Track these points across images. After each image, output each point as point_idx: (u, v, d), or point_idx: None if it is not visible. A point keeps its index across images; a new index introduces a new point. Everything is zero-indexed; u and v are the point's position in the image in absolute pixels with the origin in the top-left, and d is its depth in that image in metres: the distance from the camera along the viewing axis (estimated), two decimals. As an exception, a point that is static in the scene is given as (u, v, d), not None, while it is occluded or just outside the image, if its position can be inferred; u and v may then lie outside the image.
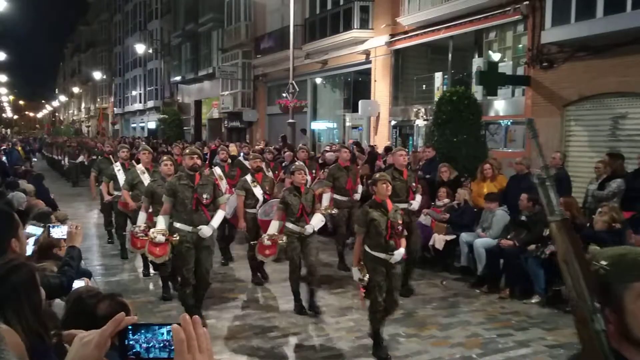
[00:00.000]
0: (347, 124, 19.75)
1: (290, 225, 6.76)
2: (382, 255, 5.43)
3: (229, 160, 10.60)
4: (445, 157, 10.43)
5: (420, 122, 15.79)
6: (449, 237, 8.43)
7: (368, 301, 5.44)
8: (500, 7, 12.90)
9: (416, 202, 7.54)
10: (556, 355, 5.39)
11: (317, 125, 21.95)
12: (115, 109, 50.39)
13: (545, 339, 5.86)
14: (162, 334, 1.20)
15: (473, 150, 11.06)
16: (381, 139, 16.51)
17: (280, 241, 6.69)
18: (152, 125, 38.43)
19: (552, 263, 6.95)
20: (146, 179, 8.14)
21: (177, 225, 6.14)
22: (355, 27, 17.53)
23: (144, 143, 10.08)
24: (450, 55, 15.11)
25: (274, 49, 22.52)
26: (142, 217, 6.95)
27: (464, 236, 8.20)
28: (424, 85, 16.58)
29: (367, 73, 18.03)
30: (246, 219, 8.01)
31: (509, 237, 7.56)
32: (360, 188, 9.21)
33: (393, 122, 17.18)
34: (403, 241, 5.63)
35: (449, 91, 12.01)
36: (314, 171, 10.46)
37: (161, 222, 6.16)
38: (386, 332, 6.04)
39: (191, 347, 1.18)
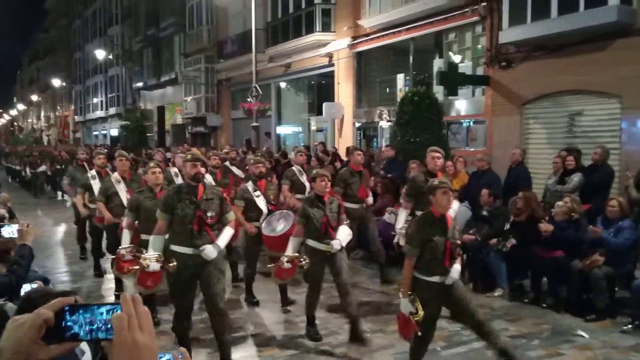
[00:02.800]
0: (313, 127, 19.77)
1: (311, 242, 5.71)
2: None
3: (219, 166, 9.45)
4: (409, 157, 10.53)
5: (384, 124, 15.93)
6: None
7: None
8: (459, 9, 13.13)
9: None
10: (519, 345, 5.47)
11: (283, 130, 21.92)
12: (76, 116, 49.38)
13: (508, 330, 5.95)
14: (102, 313, 1.16)
15: (436, 150, 11.21)
16: (346, 141, 16.57)
17: (302, 262, 5.64)
18: (114, 132, 37.80)
19: (513, 257, 7.10)
20: (122, 190, 7.27)
21: (174, 248, 4.95)
22: (317, 30, 17.59)
23: (121, 150, 9.12)
24: (411, 57, 15.30)
25: (237, 53, 22.42)
26: (126, 236, 5.92)
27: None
28: (387, 88, 16.74)
29: (331, 76, 18.10)
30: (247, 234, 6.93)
31: (470, 232, 7.67)
32: (371, 195, 8.30)
33: (357, 124, 17.29)
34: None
35: (410, 91, 12.15)
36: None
37: (155, 244, 4.95)
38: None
39: (131, 325, 1.15)
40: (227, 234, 5.12)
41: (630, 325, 5.93)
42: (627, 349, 5.43)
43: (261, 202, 6.90)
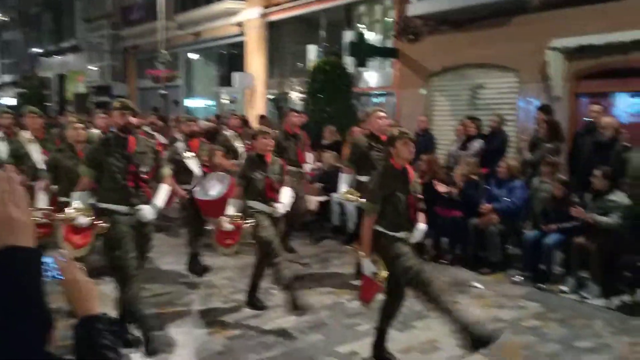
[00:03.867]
0: (224, 100, 19.42)
1: (254, 203, 5.21)
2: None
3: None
4: (320, 126, 10.62)
5: (295, 95, 15.92)
6: (322, 199, 8.61)
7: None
8: (370, -19, 13.29)
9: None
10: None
11: (192, 103, 21.33)
12: (-35, 84, 45.63)
13: (409, 284, 6.20)
14: None
15: (346, 120, 11.37)
16: (257, 112, 16.44)
17: (248, 224, 5.07)
18: (11, 101, 35.28)
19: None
20: (35, 150, 6.40)
21: (106, 206, 4.41)
22: (228, -3, 17.22)
23: (31, 107, 7.89)
24: (323, 29, 15.34)
25: (144, 19, 21.48)
26: (43, 198, 5.31)
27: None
28: (298, 59, 16.71)
29: (242, 46, 17.79)
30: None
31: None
32: (311, 157, 7.94)
33: (269, 96, 17.18)
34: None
35: (322, 61, 12.22)
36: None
37: (80, 199, 4.41)
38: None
39: (5, 200, 1.11)
40: (163, 191, 4.63)
41: (520, 277, 6.37)
42: (517, 297, 5.83)
43: (193, 164, 6.34)
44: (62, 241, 4.39)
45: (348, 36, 14.14)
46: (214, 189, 6.12)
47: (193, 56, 20.99)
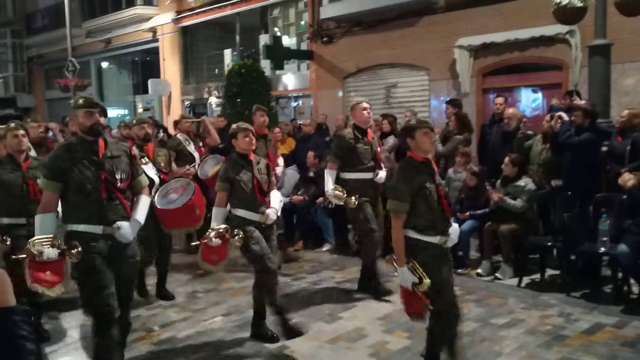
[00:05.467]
0: (139, 109, 18.94)
1: (241, 212, 4.59)
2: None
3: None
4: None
5: (213, 100, 15.79)
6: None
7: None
8: (282, -15, 13.43)
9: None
10: (343, 287, 5.90)
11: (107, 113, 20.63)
12: None
13: (334, 278, 6.35)
14: None
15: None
16: (174, 118, 16.15)
17: (235, 237, 4.40)
18: None
19: (339, 213, 7.51)
20: None
21: (75, 227, 3.57)
22: (138, 3, 16.88)
23: None
24: (238, 33, 15.32)
25: (49, 27, 20.63)
26: None
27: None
28: (215, 64, 16.58)
29: (156, 52, 17.46)
30: None
31: (299, 193, 7.96)
32: (281, 161, 7.53)
33: (186, 102, 16.94)
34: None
35: (237, 64, 12.22)
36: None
37: (44, 225, 3.52)
38: (184, 290, 6.02)
39: None
40: (143, 204, 3.83)
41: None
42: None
43: (150, 171, 5.50)
44: (30, 282, 3.36)
45: (264, 39, 14.23)
46: (176, 196, 5.38)
47: (104, 64, 20.33)
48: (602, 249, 5.35)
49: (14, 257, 3.48)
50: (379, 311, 5.20)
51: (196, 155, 7.34)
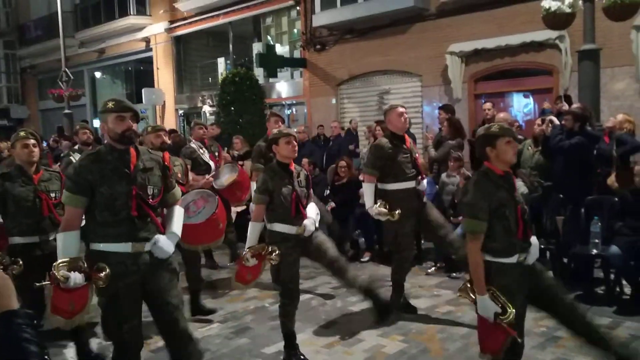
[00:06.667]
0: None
1: (279, 226, 4.24)
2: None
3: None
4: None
5: (207, 109, 15.85)
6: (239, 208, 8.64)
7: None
8: (275, -7, 13.53)
9: None
10: (340, 293, 5.93)
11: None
12: None
13: (330, 283, 6.33)
14: None
15: (259, 130, 11.46)
16: (168, 127, 16.20)
17: (271, 254, 4.12)
18: None
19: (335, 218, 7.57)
20: None
21: (103, 247, 3.12)
22: (131, 13, 16.95)
23: None
24: (231, 41, 15.40)
25: (42, 37, 20.68)
26: None
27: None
28: (208, 72, 16.66)
29: (150, 62, 17.53)
30: None
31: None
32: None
33: (180, 111, 16.99)
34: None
35: (231, 72, 12.30)
36: (216, 153, 7.56)
37: (67, 246, 3.08)
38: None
39: None
40: (178, 215, 3.44)
41: (433, 268, 6.71)
42: (432, 287, 6.13)
43: None
44: (50, 312, 2.99)
45: (257, 48, 14.32)
46: (198, 209, 4.96)
47: (98, 74, 20.37)
48: (594, 251, 5.41)
49: (37, 284, 3.05)
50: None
51: (212, 164, 6.89)
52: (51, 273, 2.94)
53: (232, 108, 11.35)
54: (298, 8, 13.33)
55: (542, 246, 5.97)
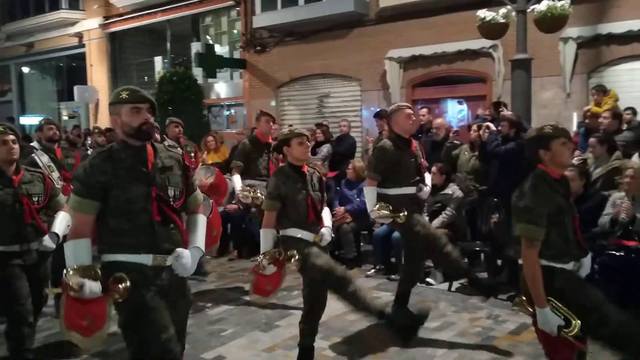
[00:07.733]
0: (64, 117, 18.23)
1: (292, 231, 3.93)
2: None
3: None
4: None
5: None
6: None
7: None
8: (215, -8, 13.35)
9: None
10: (281, 295, 5.88)
11: (28, 120, 19.67)
12: None
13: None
14: None
15: (197, 130, 11.27)
16: (103, 126, 15.67)
17: (292, 260, 3.80)
18: None
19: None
20: None
21: (120, 257, 2.71)
22: (63, 7, 16.31)
23: None
24: (168, 40, 15.09)
25: (-36, 29, 19.53)
26: None
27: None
28: (144, 72, 16.24)
29: (82, 58, 16.91)
30: None
31: (233, 202, 7.91)
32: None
33: (114, 109, 16.48)
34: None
35: (169, 71, 12.06)
36: (192, 154, 7.43)
37: (78, 254, 2.66)
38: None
39: None
40: (202, 225, 3.03)
41: (372, 270, 6.79)
42: (371, 289, 6.18)
43: None
44: (64, 326, 2.63)
45: (196, 47, 14.08)
46: None
47: (25, 69, 19.46)
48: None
49: (47, 289, 2.81)
50: (315, 318, 5.25)
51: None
52: (62, 280, 2.59)
53: (170, 108, 11.08)
54: (238, 8, 13.20)
55: (478, 248, 6.21)
